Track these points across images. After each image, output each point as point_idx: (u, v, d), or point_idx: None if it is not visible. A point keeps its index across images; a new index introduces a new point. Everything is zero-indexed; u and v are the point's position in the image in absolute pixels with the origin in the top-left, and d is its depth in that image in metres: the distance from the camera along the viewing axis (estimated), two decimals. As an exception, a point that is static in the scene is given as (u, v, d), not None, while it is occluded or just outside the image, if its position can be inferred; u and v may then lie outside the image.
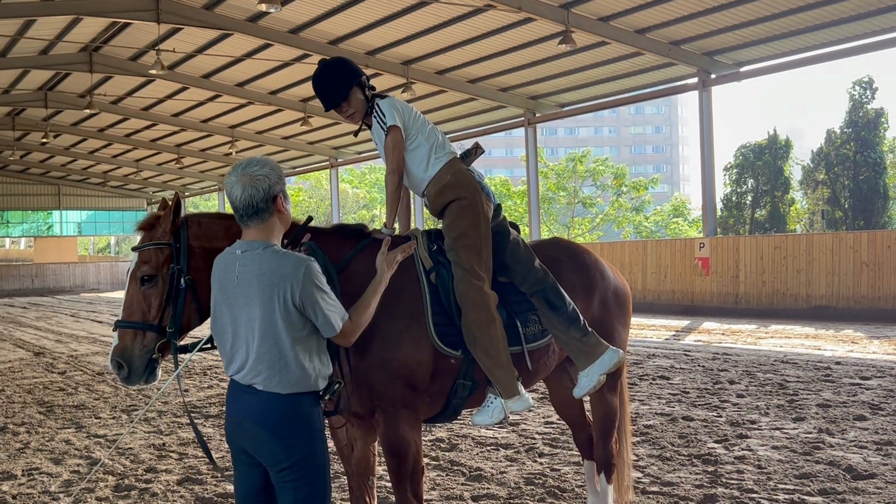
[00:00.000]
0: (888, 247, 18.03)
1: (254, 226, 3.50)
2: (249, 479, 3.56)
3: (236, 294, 3.45)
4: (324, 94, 4.51)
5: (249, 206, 3.45)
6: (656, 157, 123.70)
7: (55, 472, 7.22)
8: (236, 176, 3.48)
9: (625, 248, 24.92)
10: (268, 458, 3.44)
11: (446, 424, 8.44)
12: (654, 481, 6.41)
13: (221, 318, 3.53)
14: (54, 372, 13.76)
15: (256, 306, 3.40)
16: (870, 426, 7.94)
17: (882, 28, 18.07)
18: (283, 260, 3.42)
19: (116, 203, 52.87)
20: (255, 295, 3.39)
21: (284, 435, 3.40)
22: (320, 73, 4.52)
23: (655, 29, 19.61)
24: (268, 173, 3.48)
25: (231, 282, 3.47)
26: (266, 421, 3.40)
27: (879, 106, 33.63)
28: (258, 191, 3.44)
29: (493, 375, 4.28)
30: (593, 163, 53.38)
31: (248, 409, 3.45)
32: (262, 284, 3.39)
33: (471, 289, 4.27)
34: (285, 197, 3.55)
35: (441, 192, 4.48)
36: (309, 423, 3.46)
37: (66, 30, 22.92)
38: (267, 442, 3.41)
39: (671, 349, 14.35)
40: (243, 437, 3.48)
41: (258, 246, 3.46)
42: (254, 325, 3.41)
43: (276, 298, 3.37)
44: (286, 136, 34.39)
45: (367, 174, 69.71)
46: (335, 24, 21.29)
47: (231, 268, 3.48)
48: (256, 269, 3.42)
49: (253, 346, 3.42)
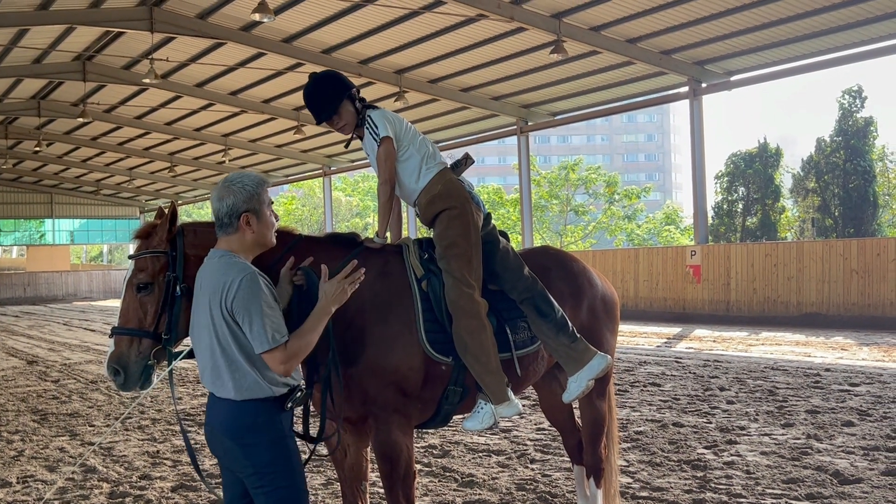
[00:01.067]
0: (878, 254, 18.16)
1: (221, 237, 3.67)
2: (234, 484, 3.67)
3: (198, 302, 3.62)
4: (315, 107, 4.60)
5: (216, 217, 3.66)
6: (648, 165, 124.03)
7: (50, 480, 7.26)
8: (216, 188, 3.68)
9: (617, 255, 25.02)
10: (234, 465, 3.56)
11: (438, 430, 8.50)
12: (644, 486, 6.47)
13: (193, 327, 3.69)
14: (48, 380, 13.77)
15: (206, 313, 3.53)
16: (857, 432, 8.03)
17: (871, 38, 18.24)
18: (227, 269, 3.54)
19: (109, 211, 52.81)
20: (205, 303, 3.54)
21: (245, 442, 3.50)
22: (311, 87, 4.61)
23: (647, 38, 19.75)
24: (237, 191, 3.62)
25: (198, 290, 3.64)
26: (228, 428, 3.52)
27: (869, 114, 33.84)
28: (223, 205, 3.62)
29: (484, 381, 4.35)
30: (586, 171, 53.55)
31: (215, 415, 3.58)
32: (208, 291, 3.53)
33: (461, 296, 4.34)
34: (257, 216, 3.64)
35: (432, 201, 4.56)
36: (269, 430, 3.53)
37: (59, 39, 22.96)
38: (230, 449, 3.53)
39: (662, 356, 14.43)
40: (215, 444, 3.61)
41: (217, 255, 3.62)
42: (207, 333, 3.54)
43: (217, 305, 3.50)
44: (279, 145, 34.45)
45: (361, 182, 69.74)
46: (328, 33, 21.38)
47: (200, 276, 3.66)
48: (207, 276, 3.58)
49: (208, 354, 3.55)
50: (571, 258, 5.26)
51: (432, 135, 29.36)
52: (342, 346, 4.12)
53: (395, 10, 19.29)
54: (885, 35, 18.03)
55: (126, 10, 20.56)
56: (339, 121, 4.60)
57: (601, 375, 4.67)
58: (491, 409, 4.39)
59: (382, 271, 4.38)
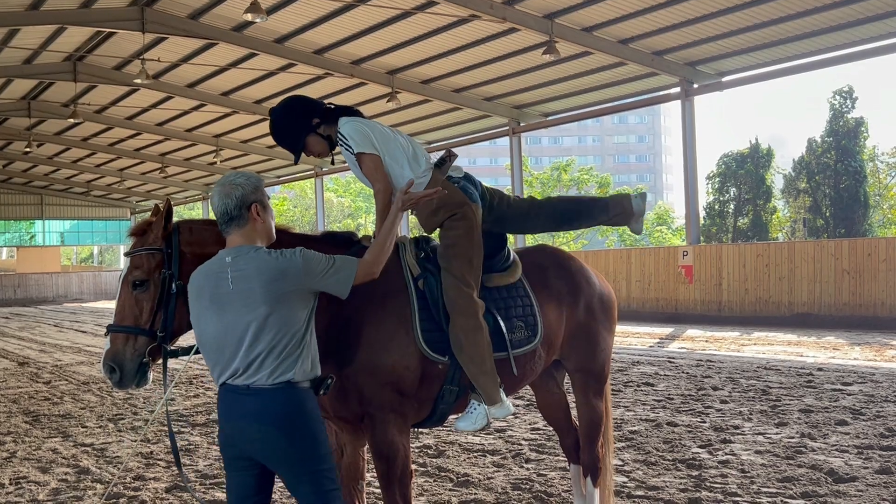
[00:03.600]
0: (869, 254, 18.23)
1: (234, 233, 3.63)
2: (243, 484, 3.60)
3: (232, 299, 3.51)
4: (283, 146, 4.62)
5: (224, 213, 3.62)
6: (640, 166, 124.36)
7: (43, 481, 7.22)
8: (217, 187, 3.66)
9: (609, 256, 25.06)
10: (277, 456, 3.49)
11: (433, 430, 8.50)
12: (640, 486, 6.48)
13: (208, 326, 3.57)
14: (39, 382, 13.71)
15: (261, 304, 3.47)
16: (851, 431, 8.05)
17: (861, 38, 18.31)
18: (278, 255, 3.56)
19: (100, 213, 52.62)
20: (258, 293, 3.48)
21: (292, 429, 3.47)
22: (272, 127, 4.61)
23: (638, 39, 19.79)
24: (242, 183, 3.64)
25: (224, 288, 3.53)
26: (272, 418, 3.46)
27: (859, 115, 34.02)
28: (232, 199, 3.60)
29: (478, 382, 4.35)
30: (577, 172, 53.67)
31: (251, 410, 3.49)
32: (265, 282, 3.49)
33: (460, 295, 4.34)
34: (263, 207, 3.67)
35: (433, 213, 4.54)
36: (313, 415, 3.56)
37: (50, 39, 22.87)
38: (275, 439, 3.46)
39: (655, 356, 14.46)
40: (246, 440, 3.51)
41: (248, 250, 3.58)
42: (257, 325, 3.47)
43: (283, 292, 3.49)
44: (271, 146, 34.31)
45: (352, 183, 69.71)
46: (320, 33, 21.35)
47: (222, 275, 3.55)
48: (254, 269, 3.51)
49: (257, 344, 3.47)
50: (569, 256, 5.26)
51: (424, 135, 29.37)
52: (338, 345, 4.12)
53: (387, 10, 19.27)
54: (876, 36, 18.11)
55: (117, 10, 20.49)
56: (311, 152, 4.61)
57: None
58: (484, 409, 4.39)
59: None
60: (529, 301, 4.72)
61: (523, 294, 4.73)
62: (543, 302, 4.80)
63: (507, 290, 4.70)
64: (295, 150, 4.57)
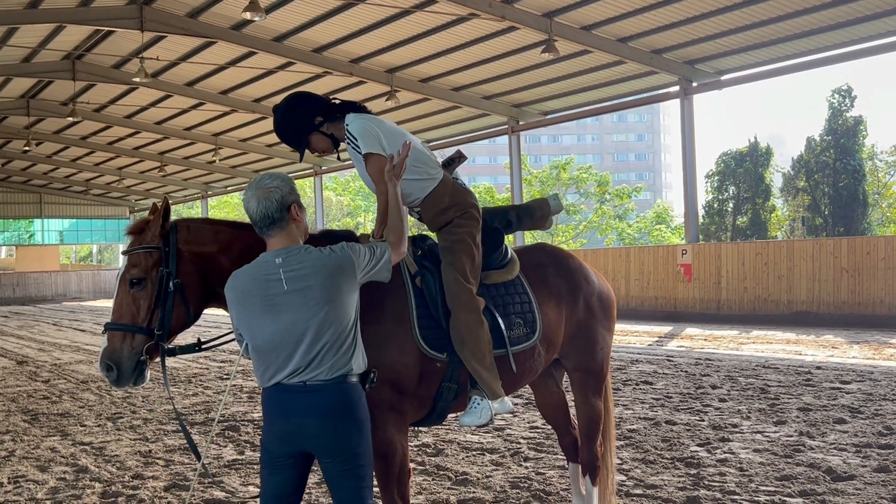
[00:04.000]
0: (867, 253, 18.24)
1: (275, 235, 3.63)
2: (283, 484, 3.62)
3: (288, 299, 3.53)
4: (287, 143, 4.62)
5: (266, 217, 3.60)
6: (639, 164, 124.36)
7: (41, 480, 7.22)
8: (252, 191, 3.64)
9: (608, 254, 25.05)
10: (334, 450, 3.54)
11: (432, 429, 8.50)
12: (638, 484, 6.48)
13: (265, 328, 3.55)
14: (38, 380, 13.71)
15: (320, 301, 3.52)
16: (849, 429, 8.06)
17: (861, 37, 18.31)
18: (330, 252, 3.64)
19: (99, 211, 52.60)
20: (317, 291, 3.53)
21: (349, 424, 3.55)
22: (277, 129, 4.61)
23: (637, 38, 19.79)
24: (279, 185, 3.64)
25: (278, 289, 3.54)
26: (333, 412, 3.53)
27: (858, 114, 33.98)
28: (272, 202, 3.59)
29: (481, 377, 4.35)
30: (577, 170, 53.64)
31: (310, 406, 3.53)
32: (323, 279, 3.55)
33: (463, 291, 4.36)
34: (300, 206, 3.69)
35: (442, 213, 4.57)
36: (365, 411, 3.64)
37: (48, 37, 22.86)
38: (334, 433, 3.52)
39: (654, 355, 14.47)
40: (305, 437, 3.54)
41: (297, 249, 3.61)
42: (318, 320, 3.51)
43: (340, 287, 3.57)
44: (270, 144, 34.35)
45: (352, 182, 69.66)
46: (319, 32, 21.35)
47: (274, 276, 3.55)
48: (311, 267, 3.56)
49: (318, 340, 3.51)
50: (568, 255, 5.26)
51: (423, 134, 29.34)
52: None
53: (386, 8, 19.27)
54: (875, 34, 18.11)
55: (116, 8, 20.48)
56: (315, 150, 4.61)
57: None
58: (488, 403, 4.38)
59: None
60: (528, 298, 4.73)
61: (521, 291, 4.73)
62: (542, 300, 4.80)
63: (506, 287, 4.71)
64: (298, 148, 4.57)
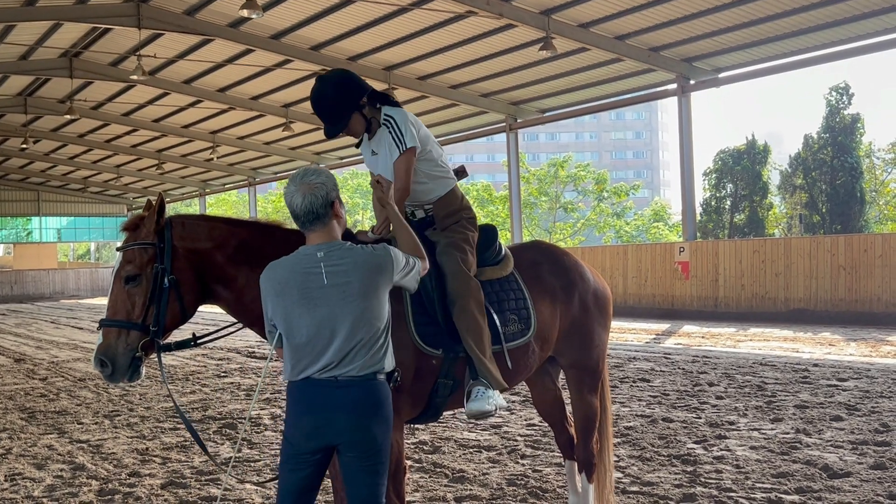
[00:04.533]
0: (865, 250, 18.26)
1: (317, 230, 3.65)
2: (305, 478, 3.63)
3: (326, 293, 3.55)
4: (323, 118, 4.53)
5: (310, 212, 3.61)
6: (637, 162, 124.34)
7: (38, 478, 7.21)
8: (296, 185, 3.64)
9: (606, 252, 25.07)
10: (360, 445, 3.55)
11: (429, 426, 8.50)
12: (635, 481, 6.49)
13: (300, 321, 3.57)
14: (35, 378, 13.70)
15: (358, 298, 3.55)
16: (846, 426, 8.07)
17: (858, 35, 18.32)
18: (372, 251, 3.66)
19: (96, 209, 52.54)
20: (356, 287, 3.56)
21: (376, 420, 3.57)
22: (322, 98, 4.49)
23: (635, 35, 19.79)
24: (324, 181, 3.65)
25: (317, 283, 3.56)
26: (363, 409, 3.55)
27: (856, 111, 33.92)
28: (317, 198, 3.60)
29: (485, 365, 4.36)
30: (575, 168, 53.63)
31: (341, 401, 3.54)
32: (362, 276, 3.57)
33: (471, 280, 4.44)
34: (340, 202, 3.73)
35: (453, 213, 4.71)
36: (391, 410, 3.67)
37: (46, 35, 22.84)
38: (362, 429, 3.54)
39: (651, 352, 14.47)
40: (334, 432, 3.55)
41: (339, 245, 3.63)
42: (355, 316, 3.54)
43: (378, 286, 3.60)
44: (267, 142, 34.35)
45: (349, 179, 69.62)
46: (317, 29, 21.33)
47: (314, 270, 3.57)
48: (352, 263, 3.58)
49: (353, 336, 3.54)
50: (563, 252, 5.27)
51: (421, 132, 29.31)
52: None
53: (383, 6, 19.26)
54: (872, 32, 18.13)
55: (113, 6, 20.45)
56: (350, 130, 4.58)
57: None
58: (492, 392, 4.37)
59: None
60: (522, 295, 4.75)
61: (516, 288, 4.76)
62: (537, 297, 4.82)
63: (500, 283, 4.74)
64: (337, 125, 4.51)
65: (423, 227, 4.72)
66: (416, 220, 4.77)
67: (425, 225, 4.74)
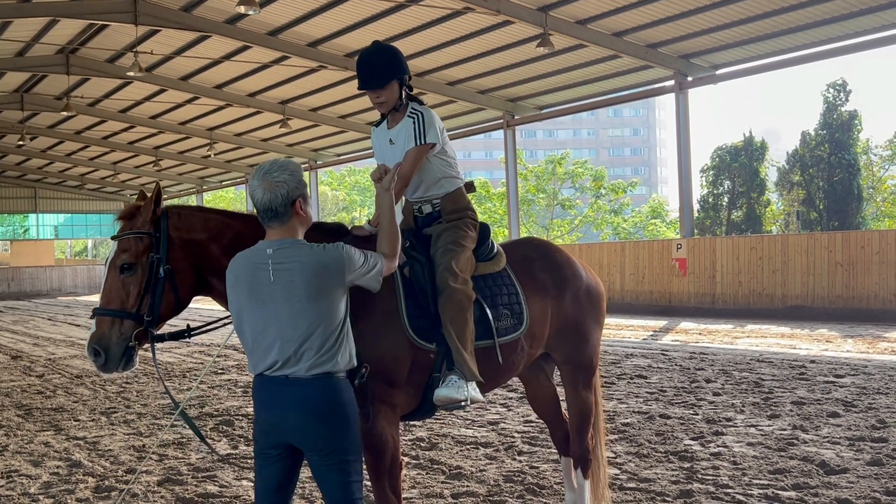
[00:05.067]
0: (862, 247, 18.27)
1: (276, 227, 3.61)
2: (273, 474, 3.63)
3: (273, 291, 3.53)
4: (364, 73, 4.60)
5: (269, 209, 3.58)
6: (634, 159, 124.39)
7: (34, 474, 7.20)
8: (258, 180, 3.60)
9: (603, 249, 25.07)
10: (314, 444, 3.53)
11: (426, 423, 8.50)
12: (632, 478, 6.49)
13: (249, 316, 3.58)
14: (32, 375, 13.68)
15: (303, 298, 3.50)
16: (843, 423, 8.08)
17: (856, 31, 18.32)
18: (322, 250, 3.59)
19: (94, 206, 52.43)
20: (301, 287, 3.50)
21: (331, 419, 3.52)
22: (369, 54, 4.63)
23: (632, 32, 19.77)
24: (287, 179, 3.59)
25: (264, 280, 3.54)
26: (314, 407, 3.51)
27: (853, 108, 33.92)
28: (277, 196, 3.56)
29: (461, 355, 4.35)
30: (572, 165, 53.60)
31: (291, 400, 3.52)
32: (308, 276, 3.51)
33: (458, 276, 4.44)
34: (305, 200, 3.66)
35: (458, 209, 4.76)
36: (351, 407, 3.60)
37: (42, 31, 22.76)
38: (314, 428, 3.51)
39: (649, 349, 14.48)
40: (287, 429, 3.54)
41: (289, 244, 3.58)
42: (299, 316, 3.50)
43: (325, 287, 3.52)
44: (265, 139, 34.30)
45: (347, 176, 69.61)
46: (314, 26, 21.29)
47: (263, 267, 3.55)
48: (297, 263, 3.52)
49: (297, 336, 3.50)
50: (555, 249, 5.27)
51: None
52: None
53: (381, 2, 19.22)
54: (870, 29, 18.12)
55: (110, 2, 20.38)
56: (380, 97, 4.61)
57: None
58: (464, 382, 4.36)
59: None
60: (515, 290, 4.77)
61: (508, 283, 4.78)
62: (529, 293, 4.82)
63: (493, 278, 4.76)
64: (376, 80, 4.55)
65: (430, 221, 4.76)
66: (423, 215, 4.80)
67: (431, 219, 4.76)
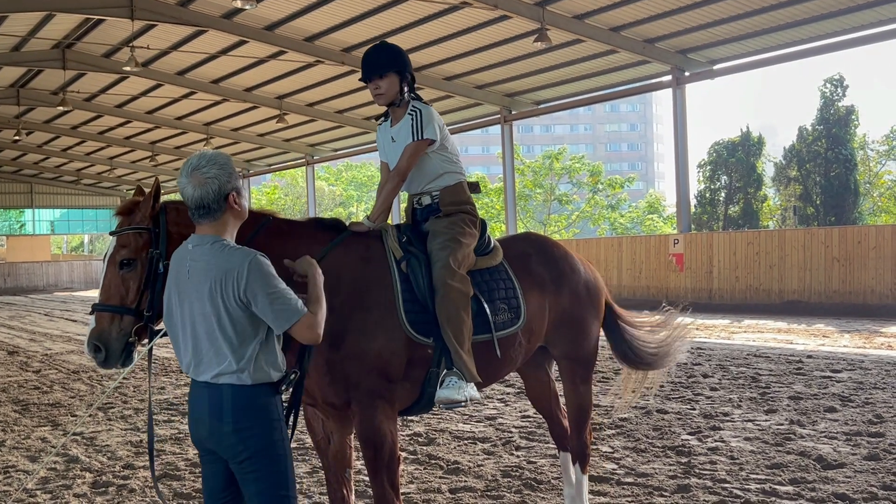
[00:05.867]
0: (858, 242, 18.28)
1: (206, 223, 3.52)
2: (214, 476, 3.58)
3: (188, 289, 3.47)
4: (366, 64, 4.71)
5: (201, 206, 3.48)
6: (631, 154, 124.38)
7: (32, 470, 7.20)
8: (187, 177, 3.49)
9: (600, 244, 25.09)
10: (227, 451, 3.45)
11: (423, 418, 8.50)
12: (629, 472, 6.50)
13: (174, 313, 3.54)
14: (29, 371, 13.67)
15: (207, 301, 3.41)
16: (840, 417, 8.09)
17: (853, 26, 18.31)
18: (229, 255, 3.43)
19: (90, 201, 52.34)
20: (205, 290, 3.41)
21: (242, 426, 3.40)
22: (374, 48, 4.77)
23: (630, 27, 19.75)
24: (217, 174, 3.48)
25: (184, 276, 3.50)
26: (223, 414, 3.41)
27: (850, 103, 33.92)
28: (208, 192, 3.46)
29: (460, 356, 4.35)
30: (569, 160, 53.59)
31: (206, 403, 3.46)
32: (210, 279, 3.40)
33: (454, 272, 4.43)
34: (238, 193, 3.55)
35: (458, 203, 4.78)
36: (266, 414, 3.46)
37: (38, 26, 22.69)
38: (225, 435, 3.41)
39: (646, 344, 14.46)
40: (204, 433, 3.48)
41: (207, 241, 3.48)
42: (205, 320, 3.42)
43: (222, 293, 3.38)
44: (261, 134, 34.25)
45: (344, 171, 69.54)
46: (311, 20, 21.24)
47: (183, 262, 3.51)
48: (204, 264, 3.44)
49: (205, 340, 3.43)
50: (553, 244, 5.27)
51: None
52: (326, 333, 4.11)
53: (378, -3, 19.21)
54: (867, 24, 18.11)
55: (106, -4, 20.34)
56: (379, 88, 4.67)
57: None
58: (465, 384, 4.37)
59: (364, 256, 4.42)
60: (512, 284, 4.77)
61: (506, 277, 4.79)
62: (526, 288, 4.82)
63: (490, 273, 4.76)
64: (374, 69, 4.65)
65: (429, 213, 4.76)
66: (421, 207, 4.82)
67: (430, 212, 4.76)
